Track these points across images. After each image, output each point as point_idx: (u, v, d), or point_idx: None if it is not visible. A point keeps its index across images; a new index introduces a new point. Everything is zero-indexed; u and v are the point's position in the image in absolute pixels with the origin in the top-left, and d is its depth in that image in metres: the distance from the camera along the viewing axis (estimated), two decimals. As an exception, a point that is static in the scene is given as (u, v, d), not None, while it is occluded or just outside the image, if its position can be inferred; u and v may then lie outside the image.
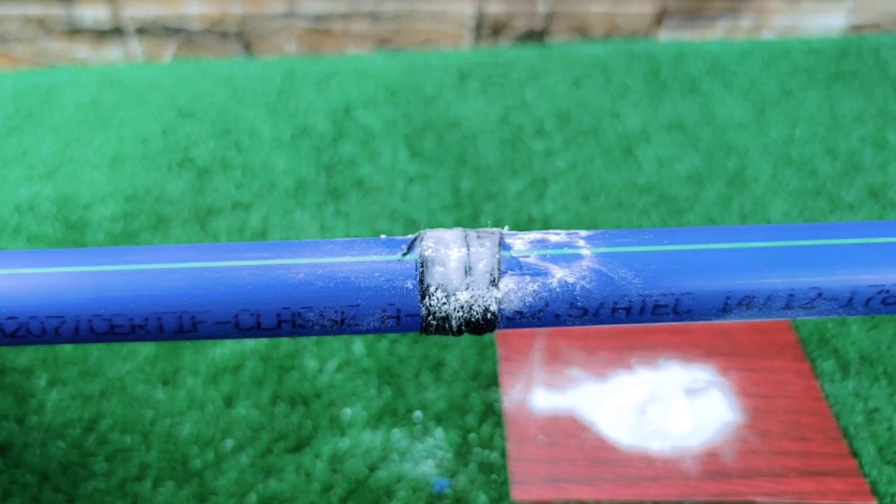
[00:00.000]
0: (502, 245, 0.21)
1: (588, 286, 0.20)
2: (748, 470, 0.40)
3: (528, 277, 0.20)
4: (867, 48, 0.73)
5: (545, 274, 0.20)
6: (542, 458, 0.41)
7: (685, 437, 0.42)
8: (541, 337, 0.20)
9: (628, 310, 0.20)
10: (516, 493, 0.39)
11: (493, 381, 0.45)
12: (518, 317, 0.20)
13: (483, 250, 0.20)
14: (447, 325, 0.20)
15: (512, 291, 0.20)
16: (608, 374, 0.45)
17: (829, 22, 0.80)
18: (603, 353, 0.46)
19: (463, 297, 0.20)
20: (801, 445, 0.41)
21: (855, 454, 0.41)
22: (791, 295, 0.20)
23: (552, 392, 0.44)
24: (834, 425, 0.42)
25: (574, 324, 0.20)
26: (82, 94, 0.66)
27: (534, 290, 0.20)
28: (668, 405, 0.43)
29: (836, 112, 0.66)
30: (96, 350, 0.46)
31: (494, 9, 0.77)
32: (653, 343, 0.46)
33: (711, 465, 0.40)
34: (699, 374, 0.45)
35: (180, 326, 0.20)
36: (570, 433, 0.42)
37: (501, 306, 0.20)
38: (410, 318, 0.20)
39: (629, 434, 0.42)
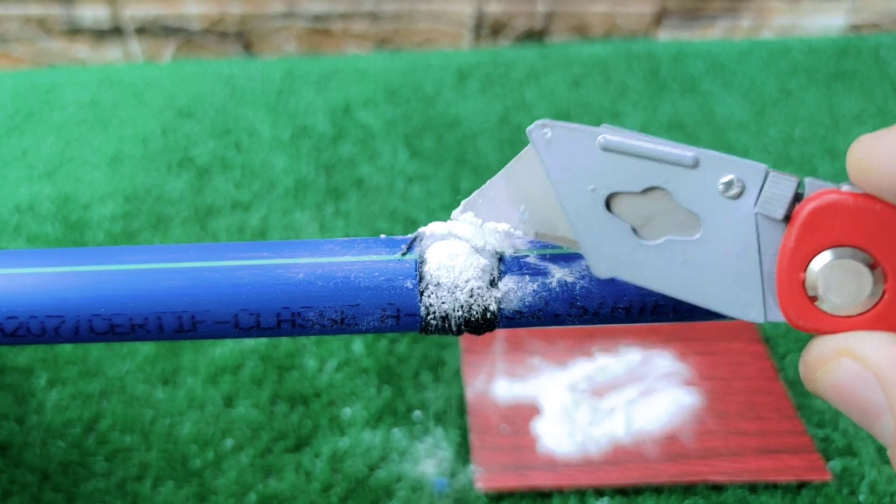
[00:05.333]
0: (502, 245, 0.21)
1: (588, 286, 0.20)
2: (706, 450, 0.41)
3: (527, 277, 0.20)
4: (867, 48, 0.73)
5: (545, 273, 0.20)
6: (505, 447, 0.41)
7: (645, 421, 0.42)
8: (502, 328, 0.20)
9: (628, 310, 0.20)
10: (480, 481, 0.40)
11: (492, 381, 0.45)
12: (518, 316, 0.20)
13: (483, 250, 0.20)
14: (447, 325, 0.20)
15: (511, 291, 0.20)
16: (568, 361, 0.45)
17: (828, 22, 0.80)
18: (563, 341, 0.46)
19: (462, 296, 0.20)
20: (757, 425, 0.42)
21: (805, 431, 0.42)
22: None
23: (514, 381, 0.44)
24: (789, 404, 0.43)
25: (574, 323, 0.21)
26: (82, 93, 0.67)
27: (533, 290, 0.20)
28: (628, 390, 0.44)
29: (835, 112, 0.66)
30: (96, 350, 0.46)
31: (494, 9, 0.77)
32: (612, 330, 0.47)
33: (671, 447, 0.41)
34: (658, 359, 0.45)
35: (180, 326, 0.20)
36: (532, 421, 0.43)
37: (501, 306, 0.20)
38: (410, 317, 0.20)
39: (589, 420, 0.42)
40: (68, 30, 0.76)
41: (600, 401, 0.44)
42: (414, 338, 0.47)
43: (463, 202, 0.20)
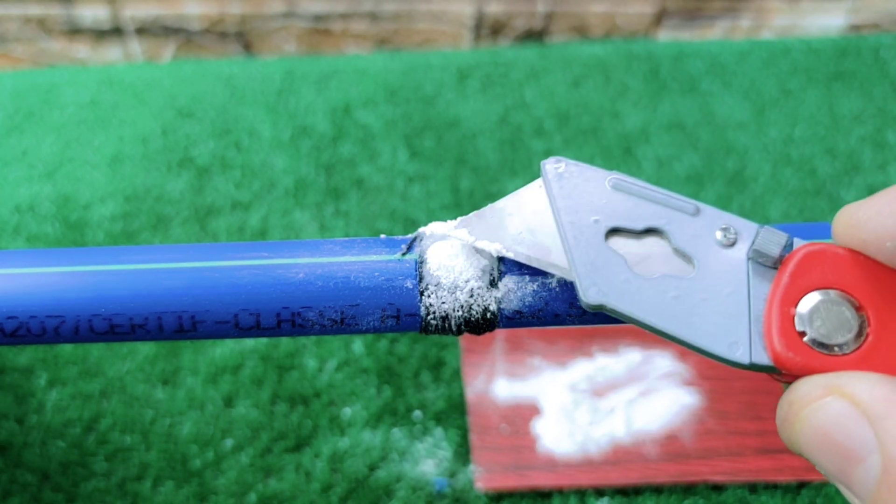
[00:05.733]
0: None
1: (587, 286, 0.20)
2: (706, 450, 0.41)
3: (527, 277, 0.20)
4: (866, 48, 0.73)
5: (545, 273, 0.20)
6: (505, 447, 0.41)
7: (645, 421, 0.42)
8: (502, 328, 0.20)
9: (627, 309, 0.20)
10: (480, 481, 0.40)
11: (492, 381, 0.45)
12: (518, 316, 0.20)
13: (483, 250, 0.20)
14: (447, 325, 0.20)
15: (511, 291, 0.20)
16: (568, 361, 0.45)
17: (828, 22, 0.80)
18: (563, 341, 0.46)
19: (462, 296, 0.20)
20: (757, 424, 0.42)
21: None
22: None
23: (513, 381, 0.44)
24: None
25: (574, 323, 0.20)
26: (82, 94, 0.66)
27: (533, 290, 0.20)
28: (628, 390, 0.44)
29: (835, 112, 0.66)
30: (96, 350, 0.46)
31: (494, 9, 0.77)
32: (612, 330, 0.47)
33: (671, 447, 0.41)
34: (658, 359, 0.45)
35: (180, 326, 0.20)
36: (532, 421, 0.43)
37: (501, 306, 0.20)
38: (410, 317, 0.20)
39: (589, 420, 0.42)
40: (68, 30, 0.76)
41: (600, 401, 0.44)
42: (414, 338, 0.47)
43: (459, 219, 0.20)
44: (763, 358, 0.17)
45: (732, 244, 0.18)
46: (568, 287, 0.20)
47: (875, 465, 0.15)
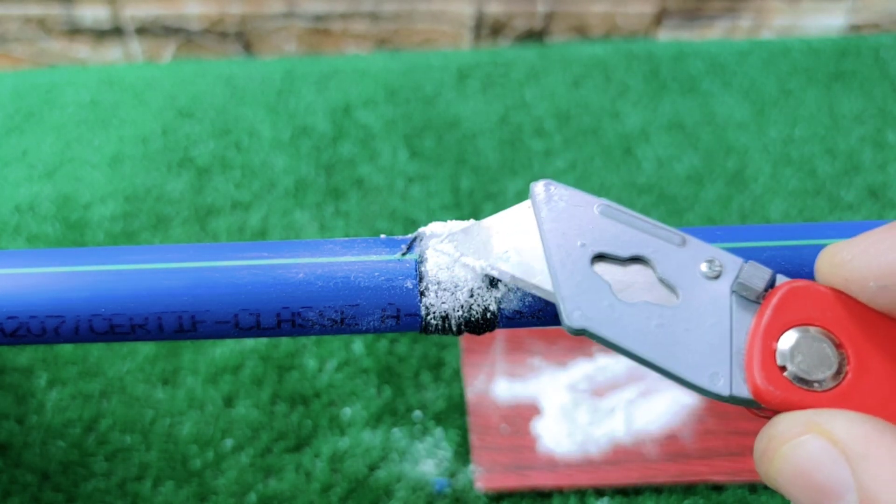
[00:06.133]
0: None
1: (587, 286, 0.20)
2: (706, 450, 0.41)
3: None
4: (866, 48, 0.73)
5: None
6: (505, 447, 0.41)
7: (645, 421, 0.42)
8: (502, 328, 0.20)
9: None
10: (480, 481, 0.40)
11: (492, 381, 0.45)
12: (518, 316, 0.20)
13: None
14: (447, 325, 0.20)
15: (511, 291, 0.20)
16: (568, 361, 0.45)
17: (828, 22, 0.80)
18: (563, 341, 0.47)
19: (462, 296, 0.20)
20: (757, 424, 0.42)
21: None
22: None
23: (514, 381, 0.44)
24: None
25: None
26: (82, 94, 0.67)
27: (533, 290, 0.20)
28: (628, 390, 0.44)
29: (835, 112, 0.66)
30: (96, 350, 0.46)
31: (494, 9, 0.77)
32: None
33: (671, 447, 0.41)
34: None
35: (180, 326, 0.20)
36: (532, 421, 0.43)
37: (501, 306, 0.20)
38: (410, 317, 0.20)
39: (589, 420, 0.42)
40: (68, 30, 0.76)
41: (600, 401, 0.44)
42: (414, 338, 0.47)
43: (448, 234, 0.20)
44: (743, 391, 0.17)
45: (717, 276, 0.18)
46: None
47: (852, 503, 0.15)
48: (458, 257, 0.20)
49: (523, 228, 0.20)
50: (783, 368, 0.17)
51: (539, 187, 0.20)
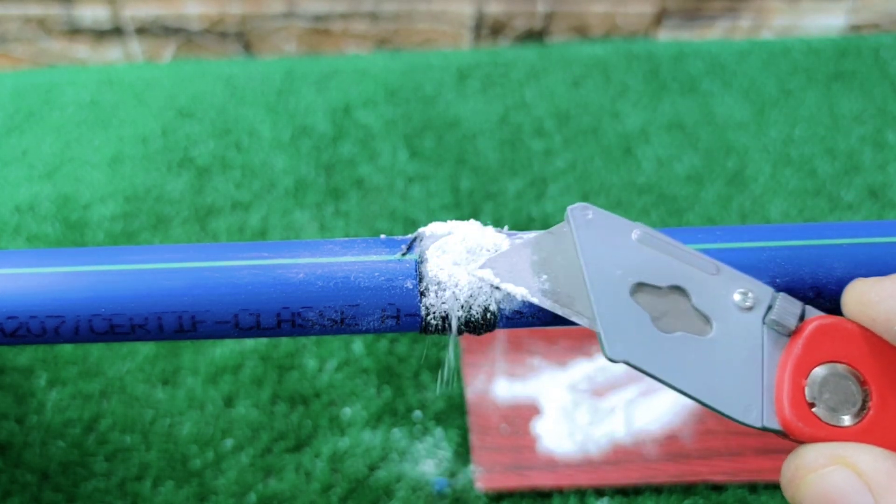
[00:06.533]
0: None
1: (587, 286, 0.20)
2: (706, 450, 0.41)
3: (527, 277, 0.20)
4: (866, 48, 0.73)
5: (544, 274, 0.20)
6: (505, 447, 0.41)
7: (645, 421, 0.42)
8: (502, 328, 0.20)
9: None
10: (480, 481, 0.40)
11: (492, 381, 0.45)
12: (518, 316, 0.20)
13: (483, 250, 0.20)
14: (447, 325, 0.20)
15: (511, 291, 0.20)
16: (568, 361, 0.45)
17: (828, 22, 0.80)
18: (563, 341, 0.46)
19: (462, 296, 0.20)
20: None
21: None
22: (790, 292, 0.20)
23: (513, 381, 0.44)
24: None
25: (574, 323, 0.20)
26: (82, 94, 0.66)
27: (533, 290, 0.20)
28: (628, 390, 0.44)
29: (835, 112, 0.66)
30: (96, 350, 0.46)
31: (494, 9, 0.77)
32: None
33: (671, 447, 0.41)
34: None
35: (180, 326, 0.20)
36: (532, 421, 0.43)
37: (501, 306, 0.20)
38: (410, 317, 0.20)
39: (589, 420, 0.42)
40: (68, 30, 0.76)
41: (600, 401, 0.43)
42: (414, 338, 0.47)
43: (486, 259, 0.20)
44: (774, 423, 0.18)
45: (750, 308, 0.19)
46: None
47: None
48: (497, 283, 0.20)
49: (561, 253, 0.20)
50: (812, 404, 0.18)
51: (578, 212, 0.20)
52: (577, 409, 0.43)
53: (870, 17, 0.80)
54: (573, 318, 0.20)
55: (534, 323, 0.21)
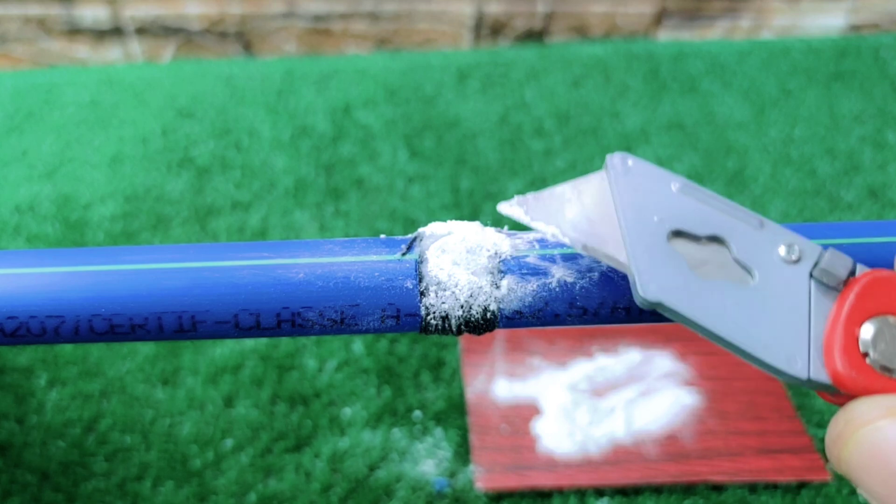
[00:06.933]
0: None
1: (587, 286, 0.20)
2: (707, 450, 0.41)
3: (527, 277, 0.20)
4: (866, 48, 0.73)
5: (545, 274, 0.20)
6: (505, 447, 0.41)
7: (645, 421, 0.42)
8: (502, 328, 0.20)
9: (628, 310, 0.20)
10: (480, 481, 0.40)
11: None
12: (517, 316, 0.20)
13: (483, 250, 0.20)
14: (446, 325, 0.20)
15: (511, 291, 0.20)
16: (568, 361, 0.45)
17: (828, 22, 0.80)
18: (563, 341, 0.47)
19: (462, 296, 0.20)
20: (757, 425, 0.42)
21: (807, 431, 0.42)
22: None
23: (513, 381, 0.44)
24: (789, 404, 0.43)
25: (574, 323, 0.20)
26: (82, 94, 0.67)
27: (533, 290, 0.20)
28: (628, 390, 0.44)
29: (835, 112, 0.66)
30: (96, 350, 0.46)
31: (494, 9, 0.77)
32: (612, 330, 0.47)
33: (671, 447, 0.41)
34: (658, 359, 0.45)
35: (180, 326, 0.20)
36: (532, 421, 0.43)
37: (501, 306, 0.20)
38: (410, 317, 0.20)
39: (589, 420, 0.42)
40: (68, 30, 0.76)
41: (600, 401, 0.43)
42: (414, 338, 0.47)
43: (516, 197, 0.19)
44: (822, 375, 0.17)
45: (796, 261, 0.18)
46: (568, 287, 0.20)
47: None
48: (528, 221, 0.19)
49: (597, 199, 0.19)
50: (865, 355, 0.17)
51: (616, 159, 0.19)
52: (577, 409, 0.43)
53: (870, 17, 0.81)
54: (605, 261, 0.19)
55: (534, 323, 0.21)
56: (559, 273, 0.20)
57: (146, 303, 0.20)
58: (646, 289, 0.18)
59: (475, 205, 0.56)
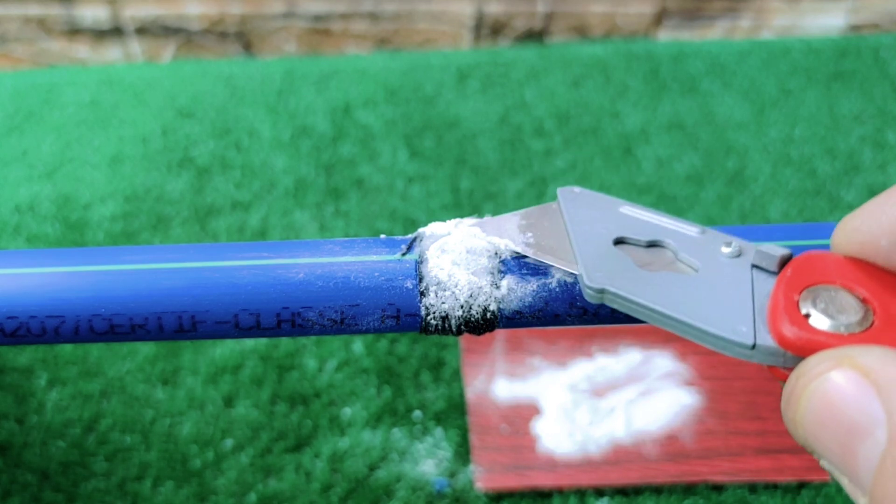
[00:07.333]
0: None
1: (587, 286, 0.20)
2: (706, 450, 0.41)
3: (527, 277, 0.20)
4: (866, 48, 0.73)
5: (545, 273, 0.20)
6: (505, 447, 0.41)
7: (645, 422, 0.42)
8: (502, 328, 0.20)
9: (628, 309, 0.20)
10: (480, 481, 0.40)
11: (492, 381, 0.45)
12: (517, 316, 0.20)
13: (483, 250, 0.20)
14: (447, 325, 0.20)
15: (511, 291, 0.20)
16: (568, 361, 0.45)
17: (828, 22, 0.80)
18: (563, 341, 0.47)
19: (462, 296, 0.20)
20: (757, 425, 0.42)
21: None
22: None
23: (513, 381, 0.44)
24: None
25: (574, 323, 0.20)
26: (82, 94, 0.67)
27: (533, 290, 0.20)
28: (628, 390, 0.44)
29: (835, 112, 0.66)
30: (96, 350, 0.46)
31: (494, 9, 0.77)
32: (612, 331, 0.47)
33: (671, 447, 0.41)
34: (658, 359, 0.45)
35: (180, 326, 0.20)
36: (532, 421, 0.43)
37: (501, 306, 0.20)
38: (410, 317, 0.20)
39: (589, 420, 0.42)
40: (68, 30, 0.76)
41: (600, 401, 0.43)
42: (414, 338, 0.47)
43: (474, 218, 0.21)
44: (768, 339, 0.17)
45: (737, 256, 0.19)
46: (568, 287, 0.20)
47: (881, 439, 0.14)
48: (483, 236, 0.21)
49: (548, 221, 0.21)
50: (807, 316, 0.17)
51: (566, 189, 0.21)
52: (577, 409, 0.43)
53: (870, 17, 0.81)
54: (555, 264, 0.20)
55: (534, 323, 0.21)
56: (559, 273, 0.20)
57: (146, 303, 0.20)
58: (591, 277, 0.18)
59: (475, 205, 0.56)
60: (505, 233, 0.21)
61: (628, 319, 0.20)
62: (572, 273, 0.20)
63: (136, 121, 0.64)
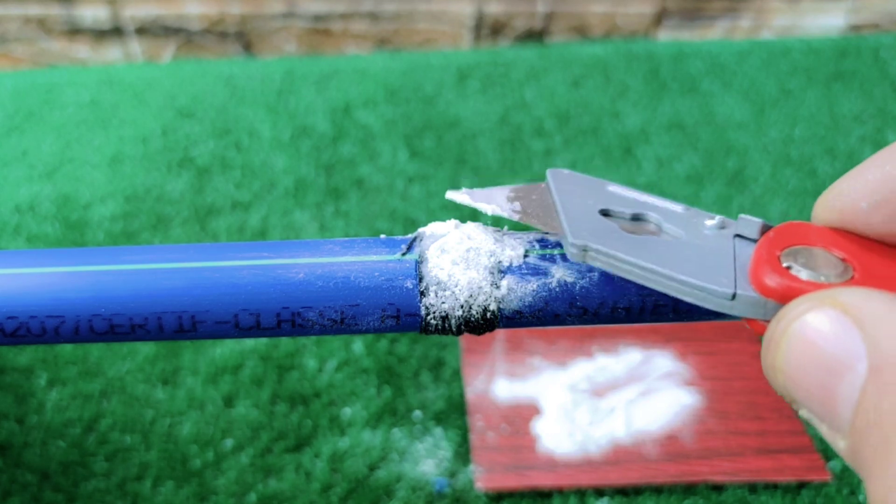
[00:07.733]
0: (502, 245, 0.21)
1: (587, 286, 0.20)
2: (706, 450, 0.41)
3: (527, 277, 0.20)
4: (866, 48, 0.73)
5: (545, 273, 0.20)
6: (505, 447, 0.41)
7: (645, 422, 0.42)
8: (502, 328, 0.20)
9: (628, 310, 0.20)
10: (480, 481, 0.40)
11: (492, 381, 0.45)
12: (517, 316, 0.20)
13: (483, 250, 0.20)
14: (447, 325, 0.20)
15: (511, 291, 0.20)
16: (568, 361, 0.45)
17: (828, 22, 0.80)
18: (563, 341, 0.47)
19: (462, 296, 0.20)
20: (757, 425, 0.42)
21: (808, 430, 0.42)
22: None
23: (513, 381, 0.44)
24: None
25: (574, 323, 0.20)
26: (82, 94, 0.67)
27: (533, 290, 0.20)
28: (628, 390, 0.44)
29: (835, 112, 0.66)
30: (96, 350, 0.46)
31: (494, 9, 0.77)
32: (612, 330, 0.47)
33: (671, 447, 0.41)
34: (658, 359, 0.45)
35: (180, 326, 0.20)
36: (532, 421, 0.43)
37: (501, 306, 0.20)
38: (410, 317, 0.20)
39: (589, 420, 0.42)
40: (68, 30, 0.76)
41: (600, 401, 0.44)
42: (414, 338, 0.47)
43: (464, 189, 0.22)
44: (749, 289, 0.17)
45: (721, 228, 0.19)
46: (568, 287, 0.20)
47: (861, 371, 0.13)
48: (471, 203, 0.21)
49: (537, 195, 0.22)
50: (788, 268, 0.17)
51: (555, 171, 0.22)
52: (577, 409, 0.43)
53: (870, 17, 0.81)
54: (541, 227, 0.20)
55: (534, 323, 0.21)
56: (559, 273, 0.20)
57: (146, 303, 0.20)
58: (576, 234, 0.19)
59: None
60: (493, 201, 0.21)
61: (628, 320, 0.20)
62: (571, 272, 0.20)
63: (136, 121, 0.64)
